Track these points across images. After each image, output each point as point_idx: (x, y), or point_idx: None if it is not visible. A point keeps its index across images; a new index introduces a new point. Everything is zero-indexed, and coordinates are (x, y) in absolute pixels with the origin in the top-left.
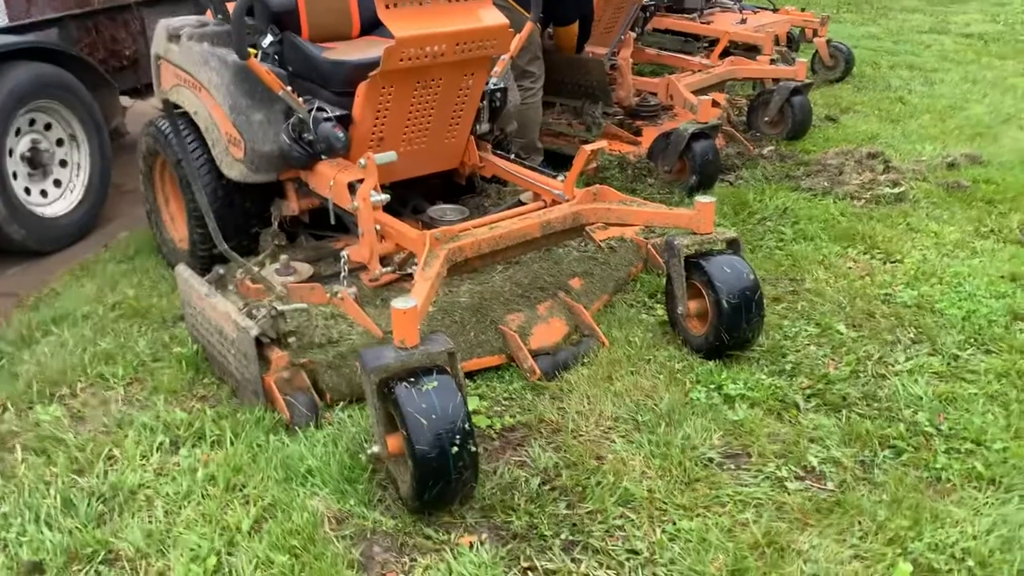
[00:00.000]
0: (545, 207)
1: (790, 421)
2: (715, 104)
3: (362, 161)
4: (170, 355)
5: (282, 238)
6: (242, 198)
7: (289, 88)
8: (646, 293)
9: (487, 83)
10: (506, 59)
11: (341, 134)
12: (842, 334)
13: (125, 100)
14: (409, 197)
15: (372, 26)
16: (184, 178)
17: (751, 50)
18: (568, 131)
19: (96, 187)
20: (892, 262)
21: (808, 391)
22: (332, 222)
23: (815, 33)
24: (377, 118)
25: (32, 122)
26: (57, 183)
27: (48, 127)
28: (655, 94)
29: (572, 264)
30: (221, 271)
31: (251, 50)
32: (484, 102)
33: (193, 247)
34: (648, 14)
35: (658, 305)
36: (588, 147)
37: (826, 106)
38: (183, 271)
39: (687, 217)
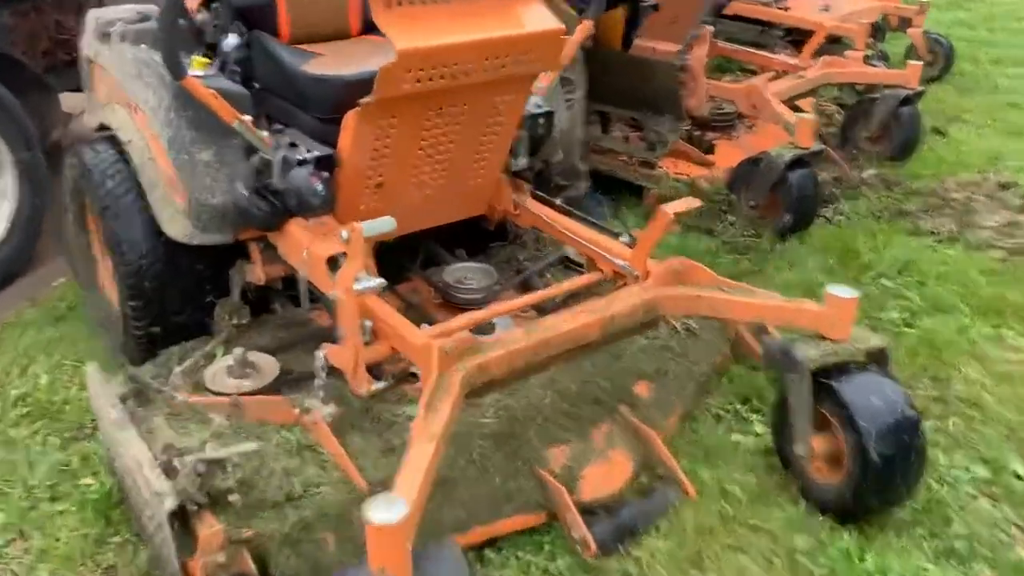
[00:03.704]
0: (602, 280)
1: None
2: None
3: (344, 233)
4: (75, 491)
5: (244, 314)
6: (191, 259)
7: (248, 118)
8: (737, 396)
9: (527, 105)
10: (553, 73)
11: (319, 187)
12: (1022, 479)
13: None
14: (420, 247)
15: None
16: (113, 232)
17: (834, 42)
18: (624, 149)
19: (25, 220)
20: None
21: None
22: (304, 306)
23: (909, 23)
24: (374, 158)
25: None
26: None
27: None
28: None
29: (637, 358)
30: (145, 378)
31: (203, 59)
32: (523, 130)
33: (126, 323)
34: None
35: (754, 417)
36: (671, 207)
37: (929, 114)
38: (94, 376)
39: (814, 315)
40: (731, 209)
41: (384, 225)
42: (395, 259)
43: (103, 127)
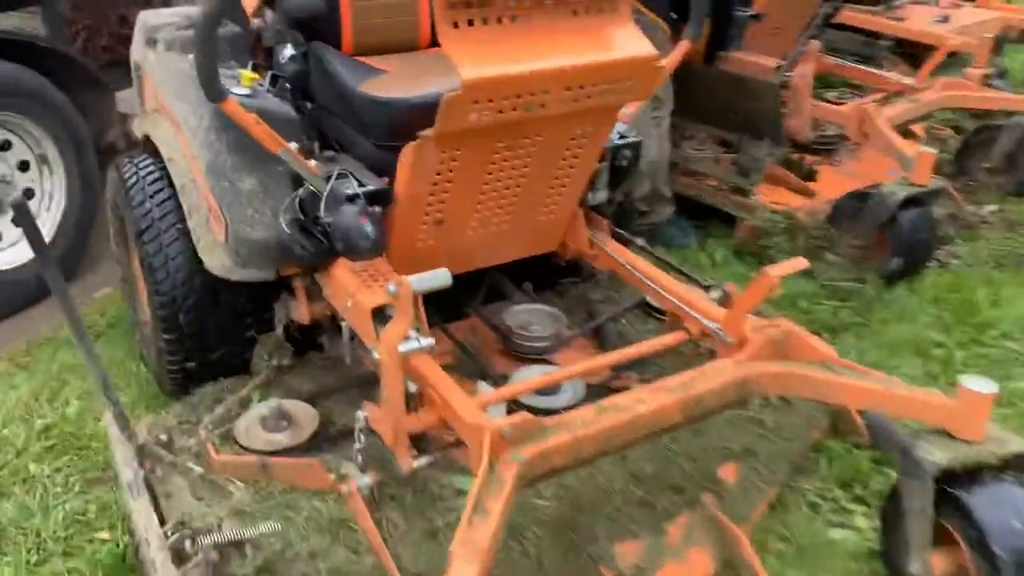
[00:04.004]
0: (688, 338)
1: None
2: (911, 136)
3: (391, 287)
4: (89, 546)
5: (286, 353)
6: (231, 293)
7: (295, 145)
8: (836, 480)
9: (611, 135)
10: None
11: (369, 228)
12: None
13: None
14: (483, 278)
15: None
16: (148, 258)
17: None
18: (713, 172)
19: (74, 225)
20: None
21: None
22: (347, 358)
23: None
24: (434, 193)
25: None
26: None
27: (6, 146)
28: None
29: (723, 434)
30: (164, 435)
31: (252, 74)
32: (604, 162)
33: (160, 355)
34: (834, 8)
35: (857, 508)
36: (776, 271)
37: None
38: (112, 426)
39: (942, 409)
40: (831, 247)
41: (437, 280)
42: (453, 292)
43: (148, 139)
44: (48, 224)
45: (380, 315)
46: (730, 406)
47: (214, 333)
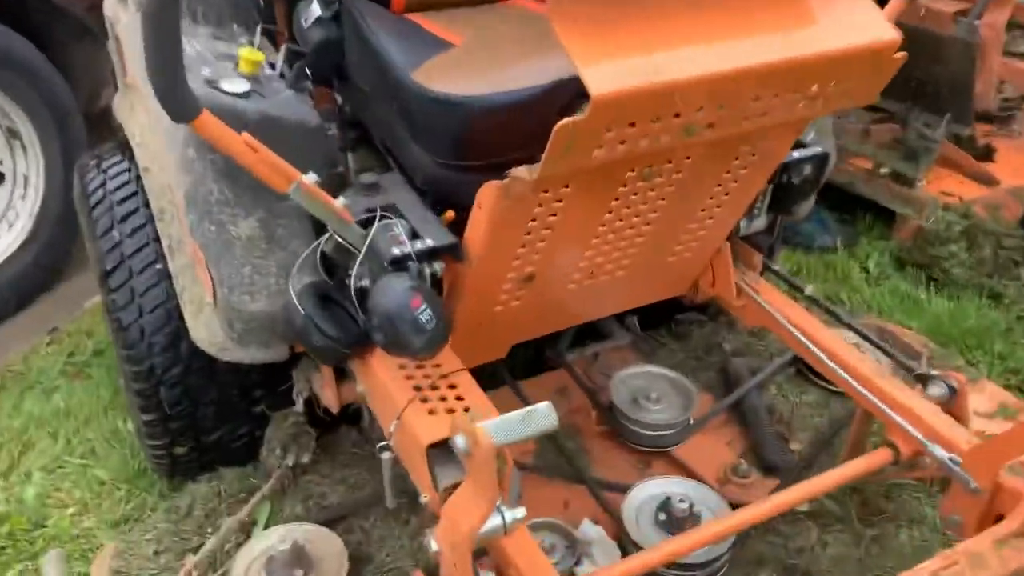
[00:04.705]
0: (896, 461)
1: None
2: None
3: (460, 441)
4: None
5: (306, 445)
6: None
7: (313, 177)
8: None
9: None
10: None
11: (425, 316)
12: None
13: None
14: None
15: None
16: (116, 310)
17: None
18: (868, 151)
19: (56, 216)
20: None
21: None
22: (388, 502)
23: None
24: (526, 245)
25: None
26: None
27: None
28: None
29: None
30: None
31: (255, 53)
32: (771, 183)
33: (140, 437)
34: None
35: None
36: None
37: None
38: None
39: None
40: None
41: (531, 425)
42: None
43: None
44: (23, 215)
45: (440, 446)
46: None
47: (211, 413)
